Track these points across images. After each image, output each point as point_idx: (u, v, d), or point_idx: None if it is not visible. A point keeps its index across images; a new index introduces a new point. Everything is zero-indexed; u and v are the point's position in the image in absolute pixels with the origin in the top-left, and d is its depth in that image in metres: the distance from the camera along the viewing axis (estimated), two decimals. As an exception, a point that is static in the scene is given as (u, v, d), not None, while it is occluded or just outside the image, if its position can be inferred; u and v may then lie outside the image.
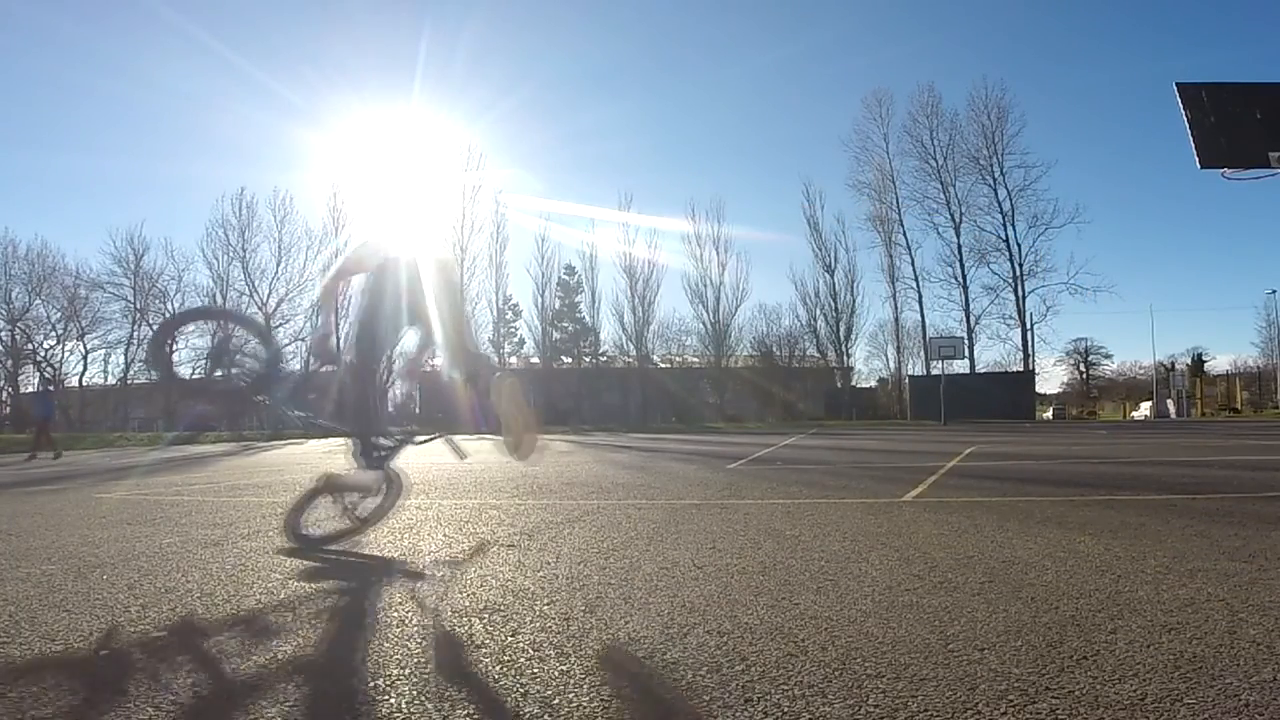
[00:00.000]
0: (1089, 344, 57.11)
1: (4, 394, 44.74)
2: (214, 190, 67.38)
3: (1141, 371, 55.30)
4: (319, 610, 2.25)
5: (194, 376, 4.42)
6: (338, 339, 4.11)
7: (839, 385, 45.48)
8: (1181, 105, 12.10)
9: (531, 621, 2.04)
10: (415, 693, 1.52)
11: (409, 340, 3.91)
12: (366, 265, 3.82)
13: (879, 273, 47.20)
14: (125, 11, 59.00)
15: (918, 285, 43.41)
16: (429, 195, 45.09)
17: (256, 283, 42.55)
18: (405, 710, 1.43)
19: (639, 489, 5.61)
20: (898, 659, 1.65)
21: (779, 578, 2.49)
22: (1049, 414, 44.28)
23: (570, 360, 47.18)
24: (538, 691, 1.52)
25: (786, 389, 44.52)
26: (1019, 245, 41.82)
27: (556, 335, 46.67)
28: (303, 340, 42.71)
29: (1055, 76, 63.49)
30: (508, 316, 45.69)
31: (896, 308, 44.26)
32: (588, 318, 46.26)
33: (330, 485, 3.61)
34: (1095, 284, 41.61)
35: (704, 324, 45.51)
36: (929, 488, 5.25)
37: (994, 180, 42.27)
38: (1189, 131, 12.05)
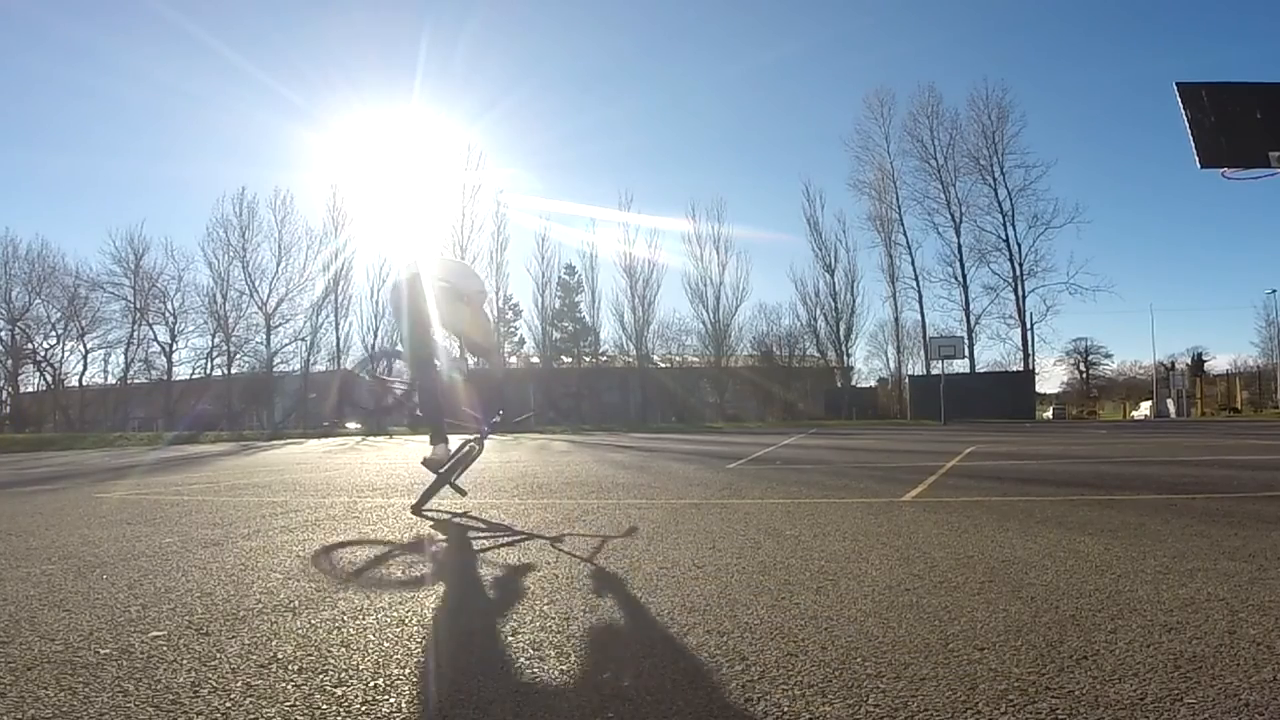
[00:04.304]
0: (1089, 344, 57.14)
1: (4, 394, 44.73)
2: (214, 190, 67.66)
3: (1141, 371, 55.35)
4: (319, 610, 2.24)
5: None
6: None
7: (839, 385, 45.46)
8: (1181, 105, 12.09)
9: (531, 621, 2.04)
10: (415, 692, 1.52)
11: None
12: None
13: (879, 272, 47.21)
14: (125, 11, 59.05)
15: (918, 285, 43.48)
16: (429, 195, 45.19)
17: (257, 282, 42.60)
18: (405, 710, 1.43)
19: (639, 489, 5.61)
20: (898, 659, 1.65)
21: (779, 577, 2.49)
22: (1049, 414, 44.30)
23: (570, 360, 47.17)
24: (538, 691, 1.52)
25: (786, 389, 44.52)
26: (1019, 245, 41.89)
27: (556, 335, 46.67)
28: (303, 340, 42.80)
29: (1055, 76, 63.55)
30: (508, 316, 45.73)
31: (896, 307, 44.32)
32: (588, 317, 46.29)
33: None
34: (1095, 284, 41.75)
35: (704, 324, 45.57)
36: (929, 487, 5.25)
37: (994, 180, 42.34)
38: (1189, 131, 12.03)
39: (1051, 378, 53.78)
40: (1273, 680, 1.46)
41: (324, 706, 1.45)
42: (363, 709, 1.44)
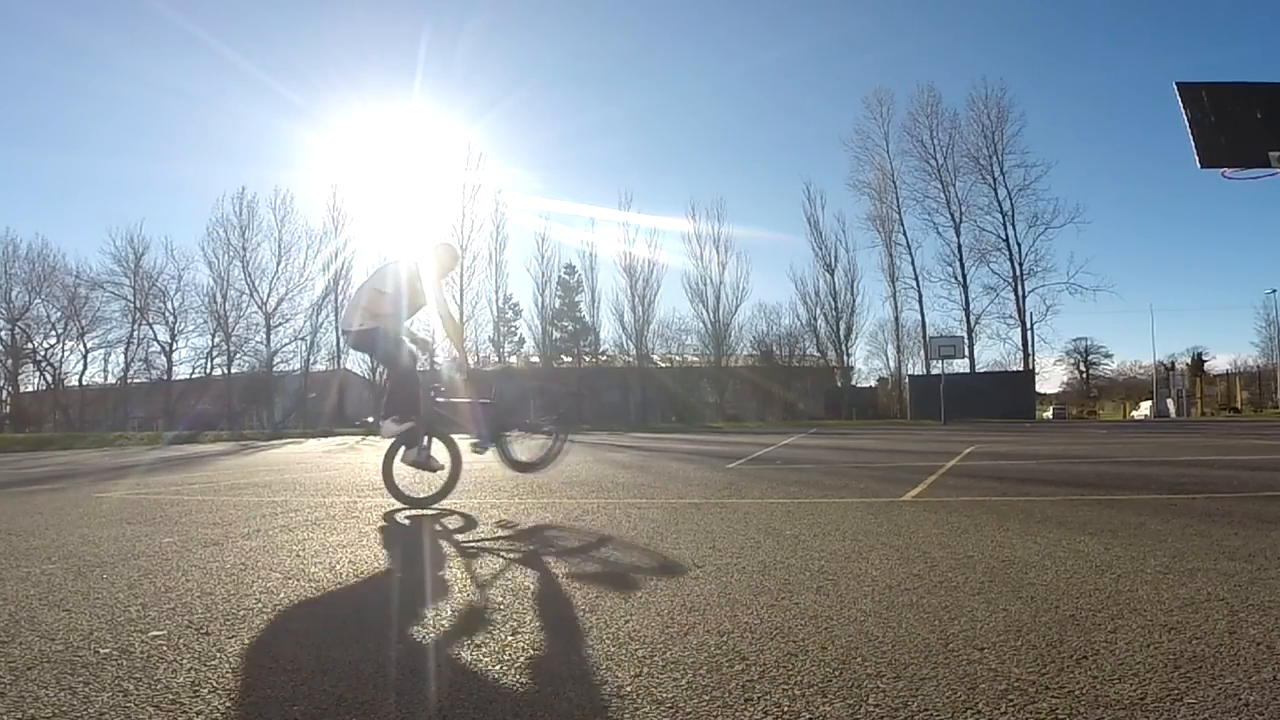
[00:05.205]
0: (1089, 344, 57.20)
1: (4, 394, 44.72)
2: (214, 190, 67.73)
3: (1141, 371, 55.39)
4: (318, 612, 2.25)
5: None
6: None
7: (839, 385, 45.47)
8: (1181, 105, 12.08)
9: (531, 621, 2.04)
10: (415, 693, 1.52)
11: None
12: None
13: (879, 272, 47.31)
14: (126, 11, 59.09)
15: (918, 285, 43.48)
16: (429, 195, 45.21)
17: (257, 282, 42.59)
18: (404, 711, 1.43)
19: (639, 488, 5.61)
20: (898, 659, 1.65)
21: (779, 577, 2.49)
22: (1049, 414, 44.31)
23: (570, 360, 47.15)
24: (538, 690, 1.52)
25: (786, 388, 44.54)
26: (1019, 245, 41.88)
27: (556, 334, 46.68)
28: (303, 339, 42.81)
29: (1055, 75, 63.61)
30: (508, 316, 45.76)
31: (896, 307, 44.31)
32: (588, 317, 46.31)
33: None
34: (1095, 284, 41.79)
35: (704, 323, 45.60)
36: (929, 487, 5.25)
37: (994, 180, 42.33)
38: (1189, 131, 12.02)
39: (1051, 378, 53.86)
40: (1273, 680, 1.46)
41: (324, 706, 1.45)
42: (363, 709, 1.44)
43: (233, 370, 43.57)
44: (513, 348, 46.88)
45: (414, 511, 4.42)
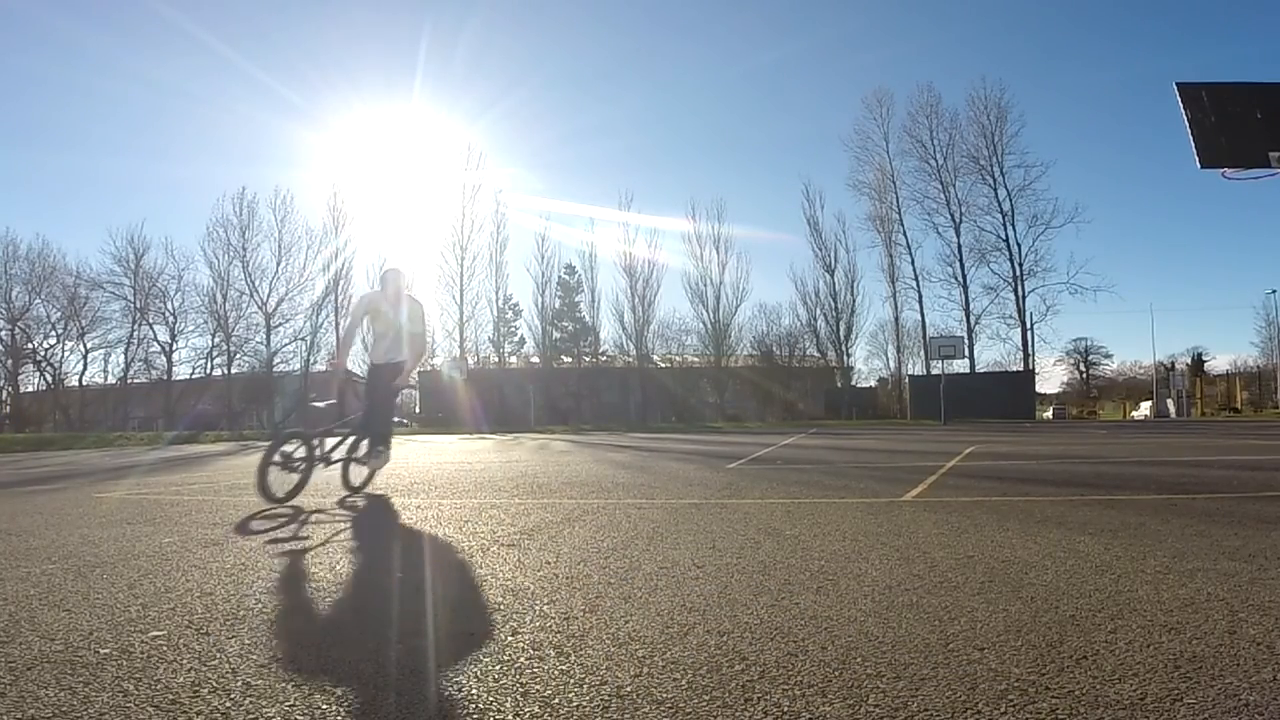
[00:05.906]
0: (1089, 344, 57.19)
1: (4, 394, 44.73)
2: (214, 190, 67.68)
3: (1141, 371, 55.36)
4: (318, 612, 2.25)
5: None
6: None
7: (839, 385, 45.45)
8: (1181, 105, 12.08)
9: (531, 621, 2.04)
10: (415, 693, 1.52)
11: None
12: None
13: (879, 272, 47.32)
14: (126, 11, 59.07)
15: (918, 285, 43.42)
16: (429, 195, 45.24)
17: (257, 282, 42.47)
18: (406, 709, 1.43)
19: (639, 488, 5.61)
20: (898, 659, 1.65)
21: (779, 577, 2.49)
22: (1049, 414, 44.27)
23: (570, 360, 47.13)
24: (538, 691, 1.52)
25: (786, 389, 44.52)
26: (1019, 245, 41.81)
27: (556, 335, 46.63)
28: (303, 339, 42.82)
29: (1055, 75, 63.51)
30: (508, 316, 45.70)
31: (896, 307, 44.26)
32: (588, 317, 46.25)
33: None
34: (1095, 284, 41.83)
35: (704, 323, 45.55)
36: (929, 487, 5.25)
37: (994, 180, 42.26)
38: (1189, 131, 12.02)
39: (1051, 378, 53.81)
40: (1273, 680, 1.46)
41: (324, 706, 1.45)
42: (363, 708, 1.44)
43: (233, 370, 43.53)
44: (513, 348, 46.91)
45: (414, 512, 4.42)
